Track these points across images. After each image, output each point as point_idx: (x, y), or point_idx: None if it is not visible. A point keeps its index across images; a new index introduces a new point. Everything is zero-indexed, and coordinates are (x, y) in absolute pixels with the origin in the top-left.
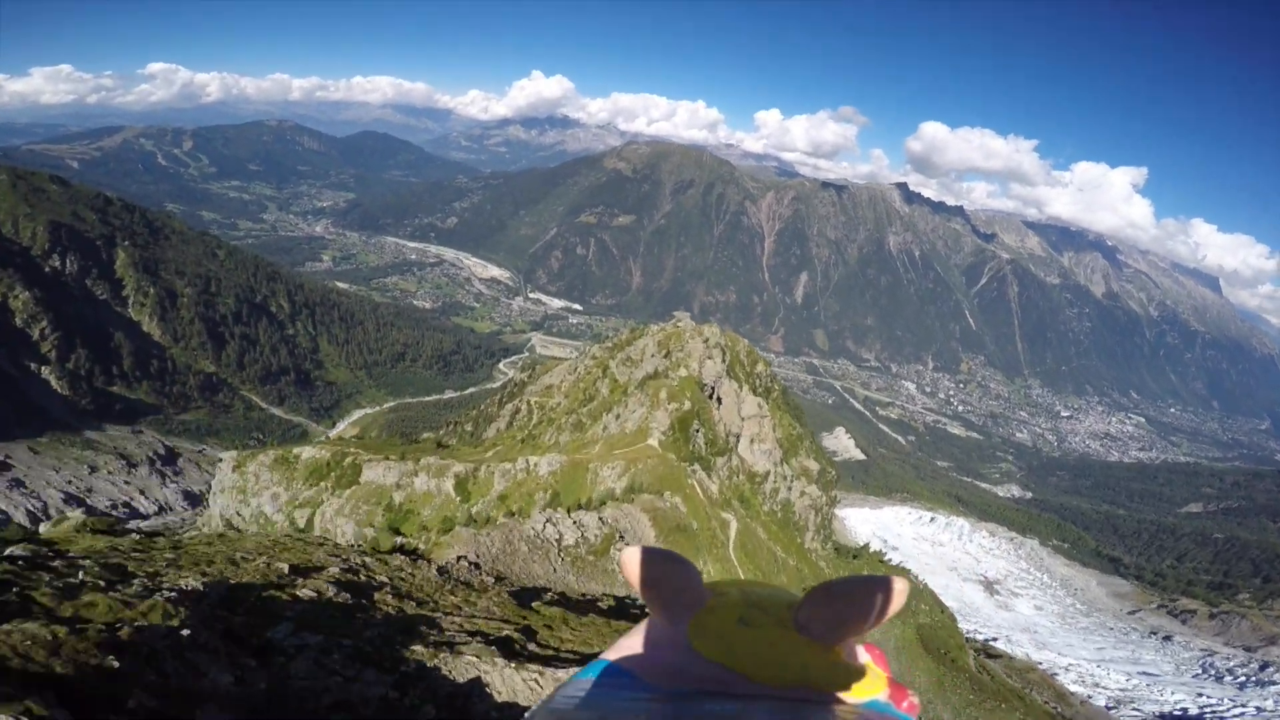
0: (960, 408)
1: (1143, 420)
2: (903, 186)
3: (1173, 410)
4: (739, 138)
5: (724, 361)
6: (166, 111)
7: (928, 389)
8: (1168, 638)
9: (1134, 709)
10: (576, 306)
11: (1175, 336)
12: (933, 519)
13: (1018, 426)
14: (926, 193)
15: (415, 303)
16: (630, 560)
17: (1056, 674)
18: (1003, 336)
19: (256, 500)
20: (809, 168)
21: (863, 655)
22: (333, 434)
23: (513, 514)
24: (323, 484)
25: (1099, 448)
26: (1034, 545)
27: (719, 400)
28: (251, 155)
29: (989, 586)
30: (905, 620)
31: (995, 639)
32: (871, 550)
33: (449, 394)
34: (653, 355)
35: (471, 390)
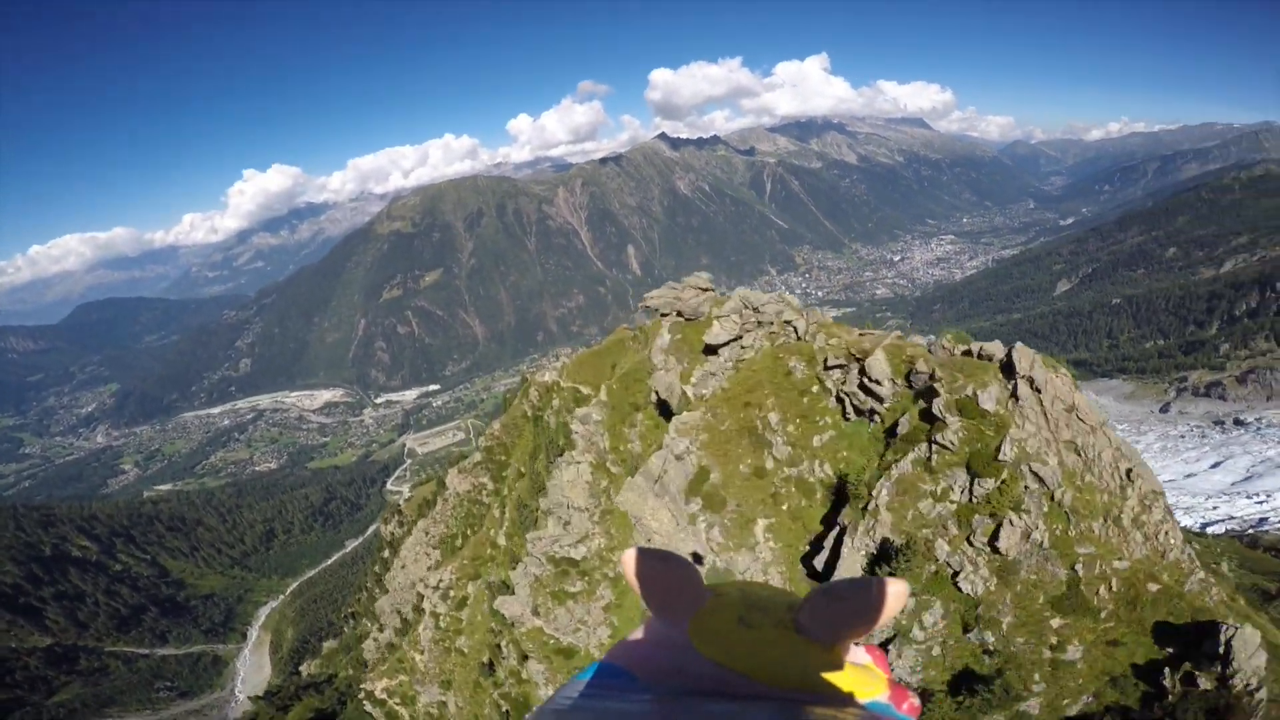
0: (820, 294)
1: (952, 236)
2: (664, 136)
3: (965, 220)
4: (504, 153)
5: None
6: None
7: (783, 290)
8: (1240, 422)
9: None
10: (433, 387)
11: (926, 169)
12: None
13: (873, 286)
14: (683, 135)
15: (257, 469)
16: (630, 560)
17: None
18: (811, 223)
19: None
20: (579, 155)
21: (863, 656)
22: (249, 646)
23: None
24: None
25: (941, 273)
26: None
27: None
28: None
29: None
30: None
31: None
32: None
33: (350, 544)
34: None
35: (373, 527)
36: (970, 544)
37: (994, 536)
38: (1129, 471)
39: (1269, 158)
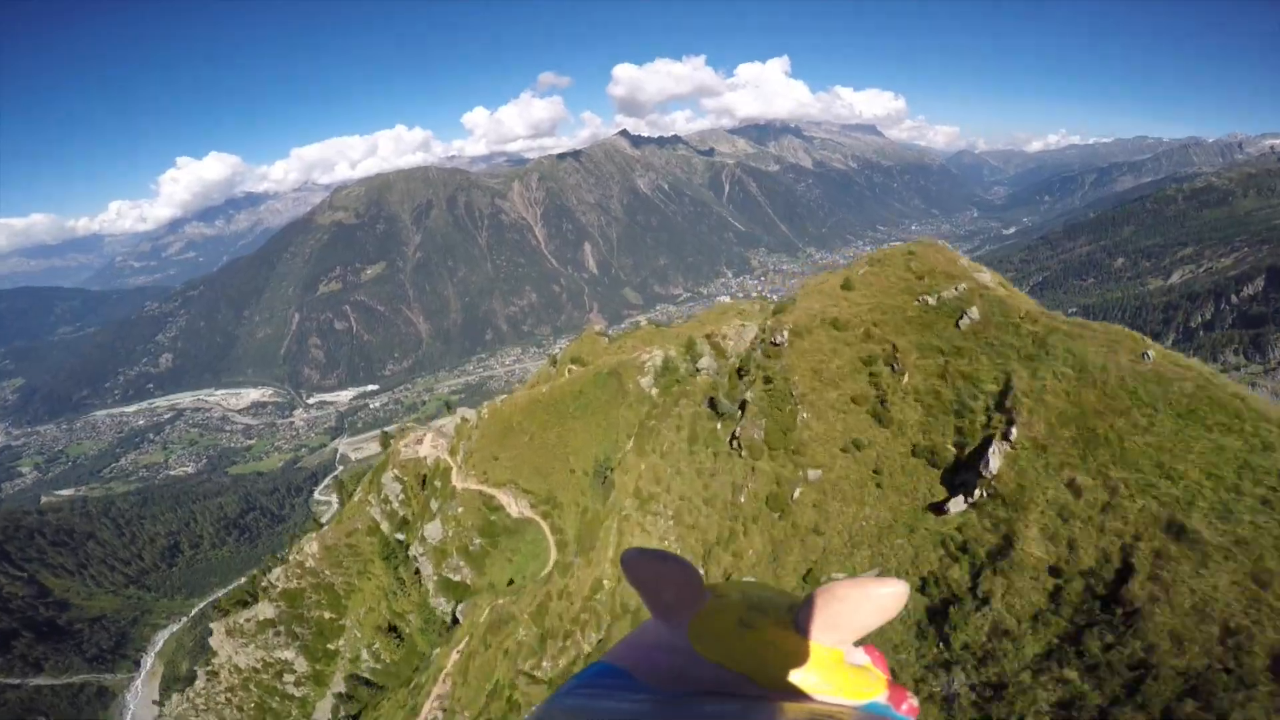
0: (775, 297)
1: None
2: (625, 133)
3: (914, 227)
4: (458, 146)
5: None
6: None
7: (740, 295)
8: None
9: None
10: (370, 388)
11: (878, 175)
12: None
13: None
14: (644, 133)
15: (172, 474)
16: (630, 561)
17: None
18: (767, 225)
19: None
20: (537, 150)
21: (862, 657)
22: (141, 676)
23: None
24: None
25: None
26: None
27: None
28: None
29: None
30: None
31: None
32: None
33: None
34: None
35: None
36: None
37: None
38: None
39: (1202, 170)
